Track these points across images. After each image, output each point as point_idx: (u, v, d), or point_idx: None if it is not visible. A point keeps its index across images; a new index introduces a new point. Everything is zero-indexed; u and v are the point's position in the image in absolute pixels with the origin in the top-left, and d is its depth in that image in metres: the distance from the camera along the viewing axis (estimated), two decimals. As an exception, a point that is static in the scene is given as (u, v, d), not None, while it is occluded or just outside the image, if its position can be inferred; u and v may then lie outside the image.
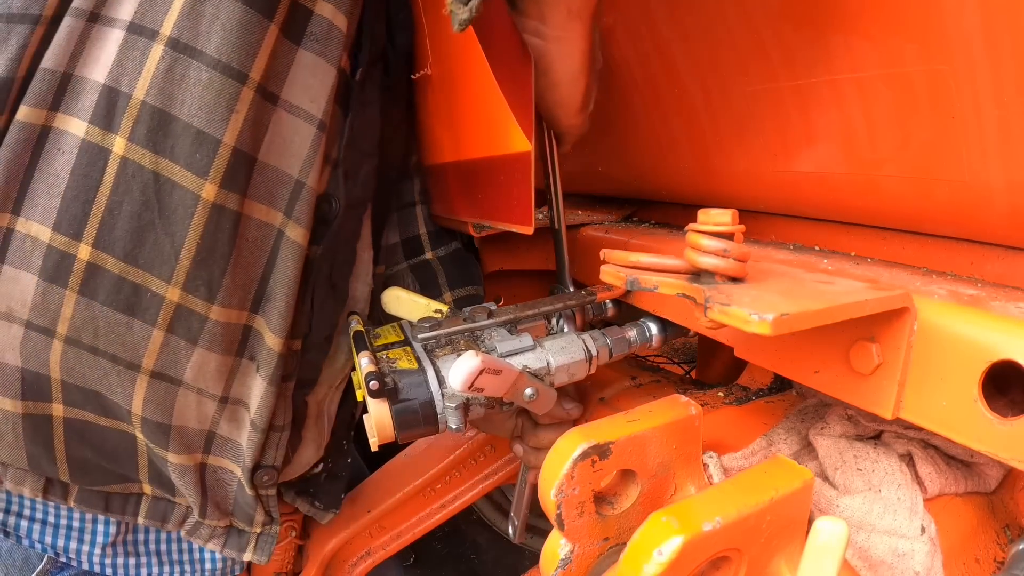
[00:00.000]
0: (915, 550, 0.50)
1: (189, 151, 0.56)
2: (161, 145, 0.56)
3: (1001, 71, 0.43)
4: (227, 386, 0.65)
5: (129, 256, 0.57)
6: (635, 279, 0.55)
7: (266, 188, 0.62)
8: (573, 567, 0.52)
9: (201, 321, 0.60)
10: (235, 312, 0.63)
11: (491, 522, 1.69)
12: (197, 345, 0.61)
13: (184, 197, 0.56)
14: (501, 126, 0.75)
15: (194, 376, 0.62)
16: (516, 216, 0.79)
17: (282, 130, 0.61)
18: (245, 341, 0.65)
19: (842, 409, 0.64)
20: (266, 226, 0.63)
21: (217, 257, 0.59)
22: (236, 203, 0.59)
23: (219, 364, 0.63)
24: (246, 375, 0.66)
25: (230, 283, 0.61)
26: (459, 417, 0.56)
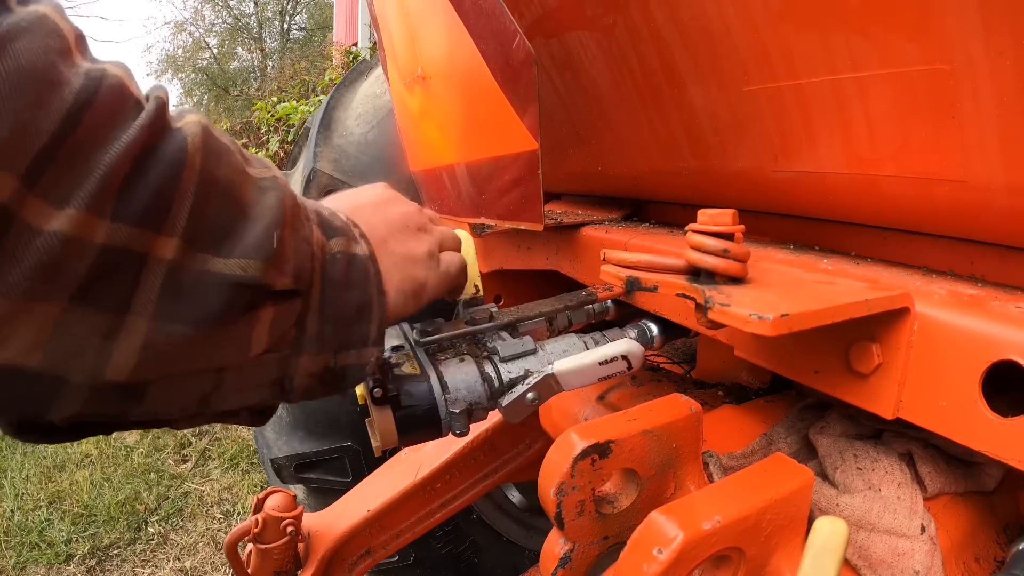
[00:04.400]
0: (915, 549, 0.50)
1: None
2: None
3: (1001, 71, 0.43)
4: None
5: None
6: (635, 279, 0.55)
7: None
8: (573, 566, 0.52)
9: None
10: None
11: (491, 521, 1.69)
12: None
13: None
14: (506, 126, 0.75)
15: None
16: (525, 214, 0.79)
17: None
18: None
19: (842, 408, 0.65)
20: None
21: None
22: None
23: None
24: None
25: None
26: (463, 422, 0.57)
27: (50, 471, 2.87)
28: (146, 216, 0.31)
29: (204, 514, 2.58)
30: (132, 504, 2.61)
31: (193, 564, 2.28)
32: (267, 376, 0.41)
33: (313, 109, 4.71)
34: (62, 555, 2.33)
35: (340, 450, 1.50)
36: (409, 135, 1.21)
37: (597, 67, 0.80)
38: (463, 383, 0.57)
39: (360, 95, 1.58)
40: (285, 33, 18.48)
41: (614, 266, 0.58)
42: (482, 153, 0.86)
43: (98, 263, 0.30)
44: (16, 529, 2.47)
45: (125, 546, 2.39)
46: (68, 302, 0.30)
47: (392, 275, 0.51)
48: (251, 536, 0.90)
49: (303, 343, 0.42)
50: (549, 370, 0.56)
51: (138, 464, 2.91)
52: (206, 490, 2.73)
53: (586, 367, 0.56)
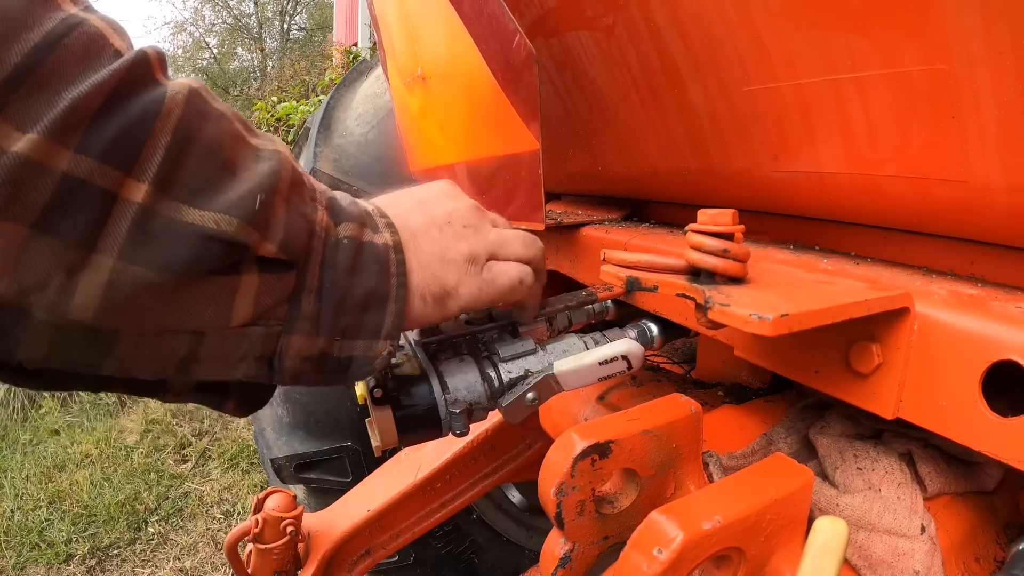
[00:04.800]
0: (915, 549, 0.50)
1: None
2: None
3: (1001, 71, 0.43)
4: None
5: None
6: (635, 279, 0.55)
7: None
8: (573, 566, 0.52)
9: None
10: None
11: (491, 521, 1.69)
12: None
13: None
14: (507, 126, 0.75)
15: None
16: (526, 214, 0.79)
17: None
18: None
19: (842, 408, 0.65)
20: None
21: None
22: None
23: None
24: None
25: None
26: (463, 422, 0.57)
27: (50, 471, 2.87)
28: (111, 153, 0.32)
29: (204, 514, 2.58)
30: (132, 504, 2.61)
31: (193, 564, 2.29)
32: (252, 350, 0.40)
33: (313, 109, 4.72)
34: (62, 555, 2.33)
35: (340, 450, 1.50)
36: (409, 135, 1.21)
37: (597, 67, 0.80)
38: (463, 383, 0.57)
39: (360, 95, 1.58)
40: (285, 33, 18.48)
41: (614, 266, 0.58)
42: (482, 153, 0.86)
43: (59, 191, 0.31)
44: (16, 529, 2.47)
45: (125, 546, 2.39)
46: (30, 228, 0.31)
47: (415, 275, 0.49)
48: (251, 536, 0.90)
49: (295, 322, 0.41)
50: (549, 370, 0.56)
51: (138, 464, 2.91)
52: (206, 490, 2.73)
53: (586, 367, 0.56)
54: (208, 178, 0.36)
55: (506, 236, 0.56)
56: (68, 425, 3.28)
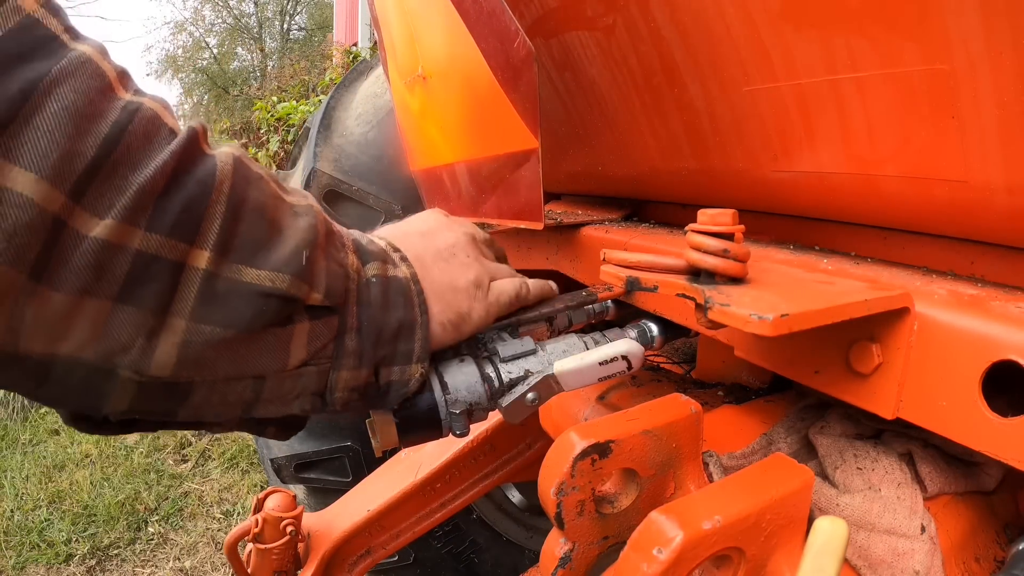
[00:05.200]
0: (915, 549, 0.50)
1: None
2: None
3: (1001, 71, 0.43)
4: None
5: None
6: (635, 279, 0.55)
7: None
8: (573, 566, 0.52)
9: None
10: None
11: (491, 522, 1.69)
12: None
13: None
14: (506, 125, 0.75)
15: None
16: (525, 213, 0.79)
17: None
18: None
19: (842, 408, 0.65)
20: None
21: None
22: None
23: None
24: None
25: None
26: (463, 423, 0.56)
27: (50, 471, 2.87)
28: (177, 228, 0.36)
29: (204, 514, 2.58)
30: (132, 504, 2.61)
31: (193, 564, 2.29)
32: (308, 387, 0.45)
33: (313, 109, 4.71)
34: (62, 555, 2.33)
35: (340, 450, 1.50)
36: (409, 135, 1.21)
37: (597, 67, 0.80)
38: (463, 384, 0.57)
39: (360, 95, 1.58)
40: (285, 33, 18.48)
41: (614, 266, 0.58)
42: (482, 152, 0.86)
43: (135, 266, 0.35)
44: (16, 529, 2.47)
45: (125, 546, 2.39)
46: (113, 300, 0.34)
47: (433, 304, 0.53)
48: (251, 536, 0.90)
49: (341, 359, 0.45)
50: (549, 370, 0.56)
51: (138, 464, 2.91)
52: (206, 490, 2.73)
53: (586, 367, 0.56)
54: (258, 239, 0.40)
55: (498, 261, 0.64)
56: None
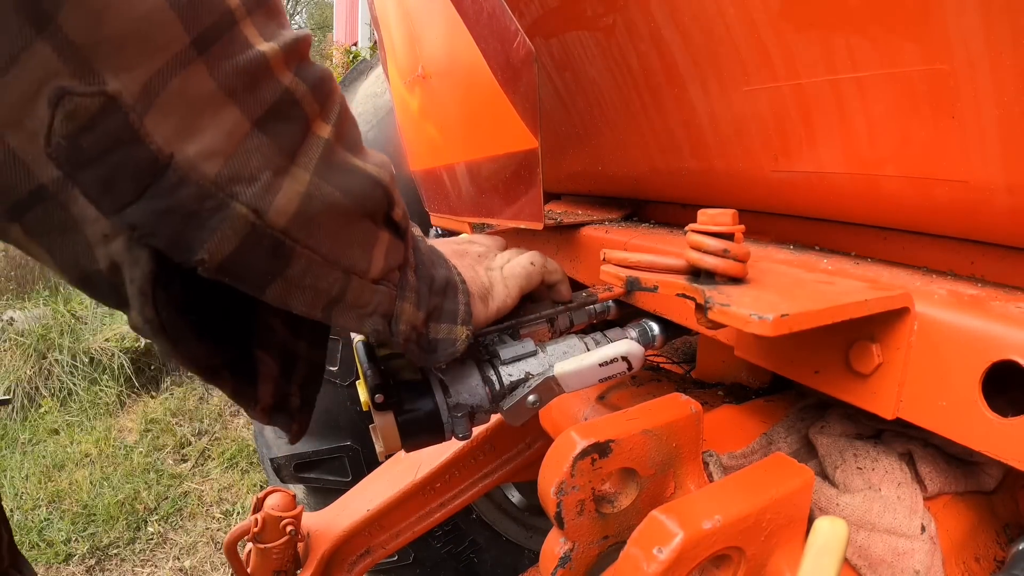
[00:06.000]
0: (915, 549, 0.50)
1: None
2: None
3: (1001, 71, 0.43)
4: None
5: None
6: (635, 279, 0.55)
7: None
8: (573, 566, 0.52)
9: None
10: None
11: (491, 521, 1.69)
12: None
13: None
14: (506, 125, 0.75)
15: None
16: (525, 213, 0.79)
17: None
18: None
19: (842, 408, 0.65)
20: None
21: None
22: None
23: None
24: None
25: None
26: (465, 425, 0.57)
27: (50, 471, 2.87)
28: (315, 89, 0.37)
29: (203, 514, 2.58)
30: (131, 504, 2.61)
31: (192, 564, 2.29)
32: (380, 306, 0.45)
33: (313, 109, 4.69)
34: (61, 555, 2.33)
35: (339, 450, 1.50)
36: (409, 135, 1.21)
37: (597, 67, 0.80)
38: (464, 387, 0.57)
39: (360, 95, 1.58)
40: (285, 33, 18.44)
41: (614, 266, 0.58)
42: (482, 152, 0.86)
43: (281, 100, 0.35)
44: (16, 529, 2.47)
45: (124, 546, 2.39)
46: (253, 123, 0.34)
47: (464, 274, 0.56)
48: (250, 535, 0.90)
49: (404, 290, 0.47)
50: (550, 372, 0.56)
51: (137, 464, 2.90)
52: (205, 490, 2.73)
53: (587, 368, 0.56)
54: (358, 142, 0.42)
55: (505, 253, 0.67)
56: (67, 424, 3.28)
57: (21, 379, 3.42)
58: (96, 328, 3.85)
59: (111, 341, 3.71)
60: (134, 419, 3.33)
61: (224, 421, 3.33)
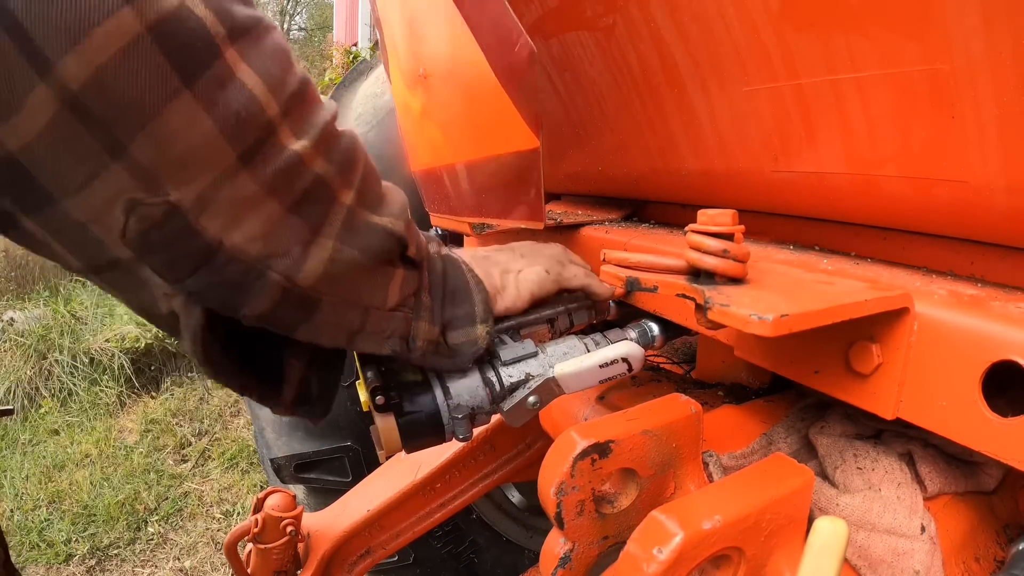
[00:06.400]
0: (915, 549, 0.50)
1: None
2: None
3: (1001, 71, 0.43)
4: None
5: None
6: (635, 279, 0.55)
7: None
8: (573, 566, 0.52)
9: None
10: None
11: (491, 521, 1.69)
12: None
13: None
14: (507, 125, 0.75)
15: None
16: (526, 213, 0.79)
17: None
18: None
19: (842, 408, 0.65)
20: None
21: None
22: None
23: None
24: None
25: None
26: (466, 427, 0.57)
27: (50, 471, 2.87)
28: (342, 166, 0.43)
29: (204, 514, 2.58)
30: (132, 504, 2.60)
31: (193, 564, 2.29)
32: (397, 329, 0.51)
33: (313, 109, 4.68)
34: (62, 555, 2.33)
35: (340, 450, 1.50)
36: (410, 135, 1.21)
37: (597, 67, 0.80)
38: (465, 388, 0.57)
39: (360, 95, 1.58)
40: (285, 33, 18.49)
41: (614, 266, 0.58)
42: (483, 152, 0.86)
43: (311, 186, 0.41)
44: (16, 529, 2.47)
45: (125, 546, 2.39)
46: (287, 209, 0.40)
47: (478, 271, 0.61)
48: (251, 536, 0.90)
49: (420, 311, 0.52)
50: (550, 373, 0.56)
51: (138, 464, 2.90)
52: (206, 490, 2.73)
53: (586, 370, 0.56)
54: (378, 194, 0.48)
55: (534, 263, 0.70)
56: (68, 425, 3.28)
57: (21, 379, 3.42)
58: (96, 328, 3.85)
59: (111, 342, 3.71)
60: (134, 419, 3.33)
61: (224, 421, 3.33)
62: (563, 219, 0.93)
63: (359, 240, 0.45)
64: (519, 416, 0.58)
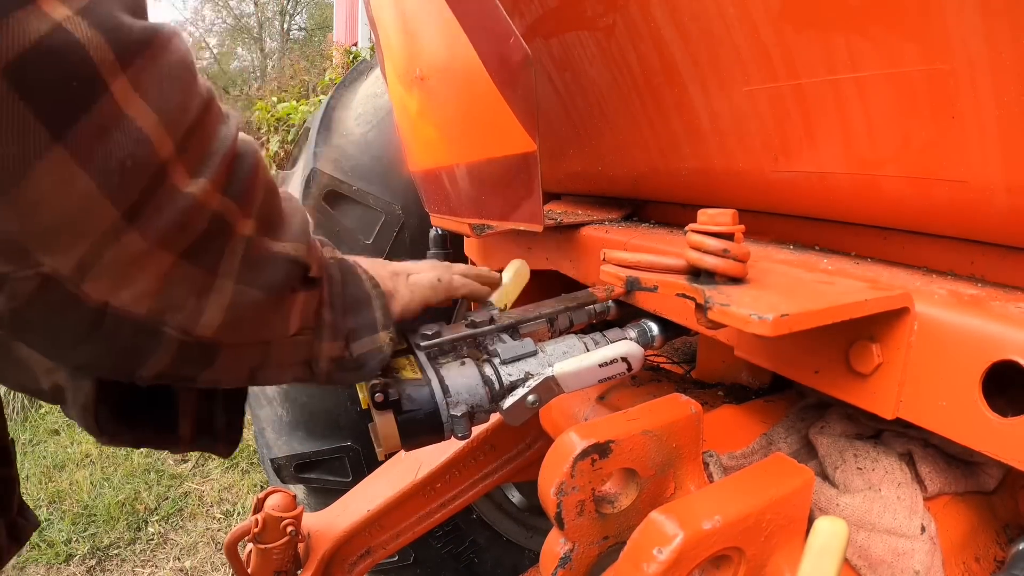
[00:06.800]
0: (915, 549, 0.50)
1: None
2: None
3: (1001, 71, 0.43)
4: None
5: None
6: (635, 279, 0.55)
7: None
8: (573, 566, 0.52)
9: None
10: None
11: (491, 521, 1.69)
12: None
13: None
14: (504, 127, 0.75)
15: None
16: (524, 215, 0.79)
17: None
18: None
19: (842, 408, 0.65)
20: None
21: None
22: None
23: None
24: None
25: None
26: (465, 425, 0.56)
27: (50, 471, 2.87)
28: (242, 196, 0.39)
29: (204, 514, 2.58)
30: (132, 504, 2.60)
31: (193, 564, 2.29)
32: (299, 355, 0.48)
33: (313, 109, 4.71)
34: (62, 555, 2.33)
35: (340, 450, 1.50)
36: (407, 136, 1.21)
37: (597, 67, 0.80)
38: (464, 386, 0.57)
39: (360, 95, 1.58)
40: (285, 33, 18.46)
41: (614, 266, 0.58)
42: (481, 154, 0.86)
43: (208, 227, 0.36)
44: (16, 529, 2.46)
45: (125, 546, 2.39)
46: (180, 256, 0.35)
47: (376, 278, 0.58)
48: (251, 536, 0.90)
49: (322, 330, 0.49)
50: (549, 372, 0.56)
51: (138, 464, 2.91)
52: (206, 490, 2.73)
53: (586, 369, 0.56)
54: (278, 217, 0.43)
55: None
56: (68, 425, 3.28)
57: (21, 379, 3.42)
58: (96, 328, 3.84)
59: (111, 341, 3.70)
60: (134, 419, 3.33)
61: (224, 421, 3.33)
62: (563, 219, 0.93)
63: (259, 276, 0.41)
64: (518, 415, 0.58)
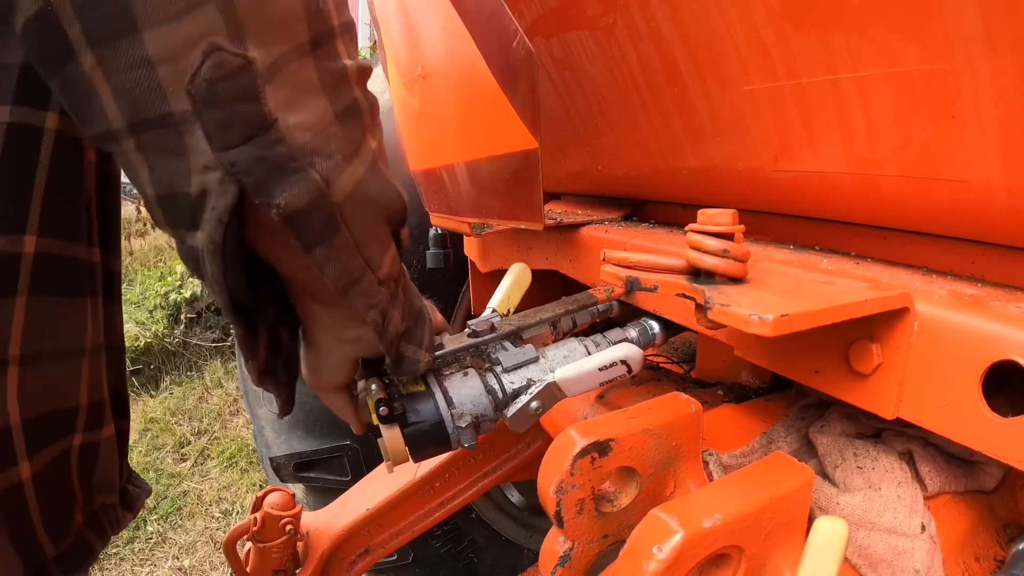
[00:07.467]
0: (915, 548, 0.50)
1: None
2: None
3: (1001, 71, 0.43)
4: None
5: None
6: (635, 279, 0.55)
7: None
8: (573, 565, 0.52)
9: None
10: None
11: (490, 521, 1.69)
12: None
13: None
14: (506, 125, 0.75)
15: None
16: (525, 214, 0.79)
17: None
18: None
19: (842, 407, 0.65)
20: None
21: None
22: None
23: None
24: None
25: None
26: (471, 435, 0.57)
27: (49, 470, 2.86)
28: (371, 108, 0.46)
29: (203, 513, 2.58)
30: (131, 503, 2.60)
31: (192, 563, 2.28)
32: (380, 303, 0.51)
33: (313, 108, 4.69)
34: (61, 554, 2.32)
35: (339, 449, 1.50)
36: (409, 135, 1.21)
37: (597, 66, 0.80)
38: (468, 397, 0.57)
39: (360, 94, 1.57)
40: (285, 32, 18.42)
41: (614, 266, 0.58)
42: (482, 152, 0.86)
43: (351, 106, 0.43)
44: (14, 528, 2.46)
45: (124, 545, 2.39)
46: (335, 114, 0.42)
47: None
48: (250, 535, 0.90)
49: (396, 300, 0.53)
50: (551, 378, 0.57)
51: (136, 463, 2.90)
52: (205, 489, 2.73)
53: (587, 373, 0.57)
54: (386, 157, 0.49)
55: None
56: (67, 424, 3.28)
57: (20, 378, 3.41)
58: (95, 327, 3.84)
59: (110, 340, 3.70)
60: (133, 418, 3.33)
61: (223, 420, 3.33)
62: (563, 219, 0.93)
63: (380, 184, 0.47)
64: (522, 422, 0.58)
